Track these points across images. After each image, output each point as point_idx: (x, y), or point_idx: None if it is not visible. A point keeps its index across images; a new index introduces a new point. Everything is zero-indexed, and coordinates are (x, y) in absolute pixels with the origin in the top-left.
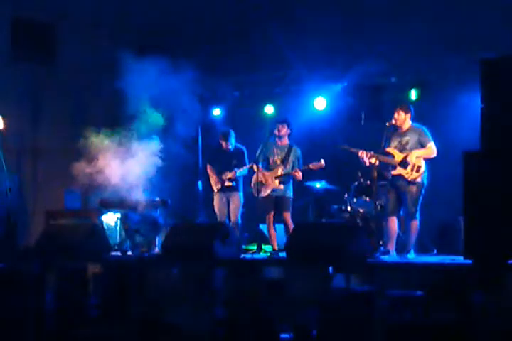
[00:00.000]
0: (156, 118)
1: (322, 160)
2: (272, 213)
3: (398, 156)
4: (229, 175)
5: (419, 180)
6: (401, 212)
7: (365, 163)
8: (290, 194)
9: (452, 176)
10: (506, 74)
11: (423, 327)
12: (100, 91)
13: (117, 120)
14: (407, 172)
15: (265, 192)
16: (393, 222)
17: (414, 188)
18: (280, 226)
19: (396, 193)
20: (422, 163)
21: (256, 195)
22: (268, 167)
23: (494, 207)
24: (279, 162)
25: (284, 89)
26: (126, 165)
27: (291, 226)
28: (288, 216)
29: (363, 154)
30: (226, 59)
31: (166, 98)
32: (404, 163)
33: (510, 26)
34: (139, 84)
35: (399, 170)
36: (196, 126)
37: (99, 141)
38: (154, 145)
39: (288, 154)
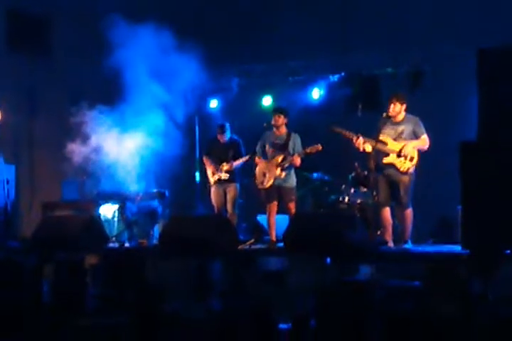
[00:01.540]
0: None
1: (319, 144)
2: (275, 203)
3: (391, 144)
4: (226, 167)
5: (411, 170)
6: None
7: (358, 147)
8: (292, 183)
9: (449, 166)
10: (503, 64)
11: (422, 317)
12: (97, 83)
13: (115, 110)
14: (400, 161)
15: (268, 183)
16: (387, 212)
17: (406, 178)
18: (283, 217)
19: (388, 183)
20: (416, 154)
21: (259, 185)
22: (268, 157)
23: (491, 197)
24: (278, 150)
25: (281, 79)
26: (121, 145)
27: None
28: (293, 206)
29: (356, 138)
30: (223, 50)
31: (163, 85)
32: (399, 153)
33: (507, 16)
34: (136, 73)
35: (392, 158)
36: (193, 115)
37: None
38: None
39: (287, 142)
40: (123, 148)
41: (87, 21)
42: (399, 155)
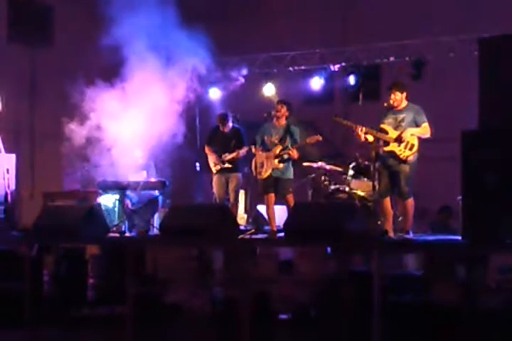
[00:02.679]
0: None
1: (318, 135)
2: (272, 194)
3: (392, 133)
4: (229, 156)
5: (411, 158)
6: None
7: (359, 137)
8: (290, 175)
9: (452, 156)
10: (504, 53)
11: (422, 307)
12: (100, 70)
13: (116, 94)
14: (399, 150)
15: (265, 173)
16: (387, 203)
17: (407, 167)
18: (281, 208)
19: (389, 173)
20: (416, 142)
21: (257, 176)
22: (266, 147)
23: (492, 186)
24: (276, 141)
25: (282, 69)
26: (122, 131)
27: None
28: (291, 198)
29: (358, 128)
30: (225, 39)
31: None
32: (398, 140)
33: (509, 6)
34: (138, 57)
35: (392, 147)
36: (194, 103)
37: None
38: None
39: (286, 133)
40: (123, 133)
41: (89, 7)
42: (399, 143)
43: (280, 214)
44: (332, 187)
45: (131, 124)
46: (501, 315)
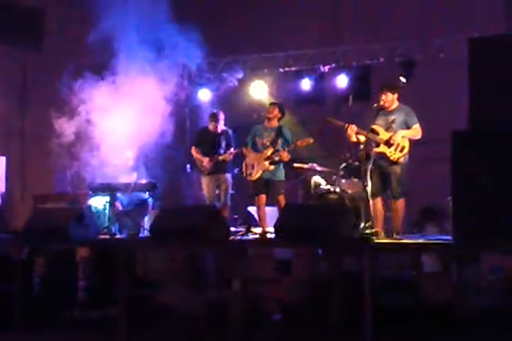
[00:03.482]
0: None
1: (310, 137)
2: (263, 196)
3: (383, 134)
4: (221, 157)
5: (401, 160)
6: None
7: (350, 137)
8: (281, 176)
9: (441, 156)
10: (494, 53)
11: (414, 307)
12: (90, 72)
13: (107, 94)
14: (390, 152)
15: (256, 175)
16: (378, 203)
17: (398, 169)
18: (272, 209)
19: (380, 174)
20: (407, 144)
21: (247, 177)
22: (258, 149)
23: (482, 186)
24: (268, 143)
25: (272, 70)
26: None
27: None
28: (282, 199)
29: (349, 128)
30: (216, 40)
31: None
32: (389, 142)
33: (499, 6)
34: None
35: (382, 148)
36: (184, 104)
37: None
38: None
39: (277, 135)
40: (114, 133)
41: (80, 7)
42: (389, 145)
43: (271, 215)
44: (323, 188)
45: (122, 124)
46: (493, 314)
